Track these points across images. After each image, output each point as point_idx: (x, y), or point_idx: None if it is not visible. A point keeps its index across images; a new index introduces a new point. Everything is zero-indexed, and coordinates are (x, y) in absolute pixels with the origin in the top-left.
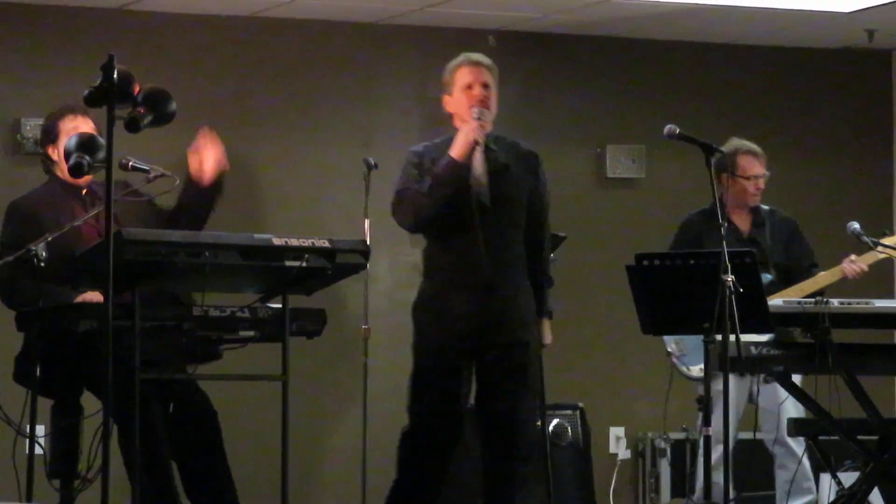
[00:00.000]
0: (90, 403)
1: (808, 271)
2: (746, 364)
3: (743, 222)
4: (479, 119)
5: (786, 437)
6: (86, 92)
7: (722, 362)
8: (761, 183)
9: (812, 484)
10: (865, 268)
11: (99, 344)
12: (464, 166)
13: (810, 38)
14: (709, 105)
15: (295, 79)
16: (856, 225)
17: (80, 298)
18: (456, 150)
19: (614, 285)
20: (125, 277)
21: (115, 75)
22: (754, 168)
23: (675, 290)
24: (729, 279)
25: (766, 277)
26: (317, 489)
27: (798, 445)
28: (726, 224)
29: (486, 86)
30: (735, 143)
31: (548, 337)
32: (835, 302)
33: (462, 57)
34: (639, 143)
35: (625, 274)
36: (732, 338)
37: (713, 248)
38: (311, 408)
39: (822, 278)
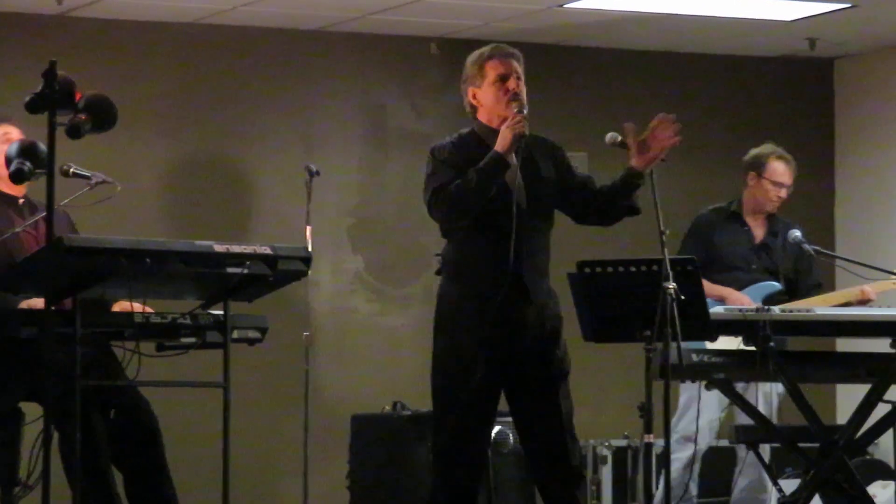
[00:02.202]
0: (31, 410)
1: (813, 289)
2: (688, 372)
3: (758, 228)
4: (520, 112)
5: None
6: (27, 98)
7: (663, 370)
8: (784, 192)
9: (767, 496)
10: (874, 297)
11: (40, 350)
12: (508, 161)
13: (752, 47)
14: (650, 113)
15: (237, 86)
16: (797, 233)
17: (24, 305)
18: (502, 144)
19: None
20: (66, 284)
21: (57, 82)
22: (784, 176)
23: (617, 297)
24: (670, 286)
25: (775, 286)
26: (258, 497)
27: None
28: (747, 227)
29: (519, 77)
30: (771, 146)
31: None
32: (776, 309)
33: (491, 47)
34: (581, 150)
35: (566, 281)
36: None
37: (730, 253)
38: (252, 415)
39: (833, 298)
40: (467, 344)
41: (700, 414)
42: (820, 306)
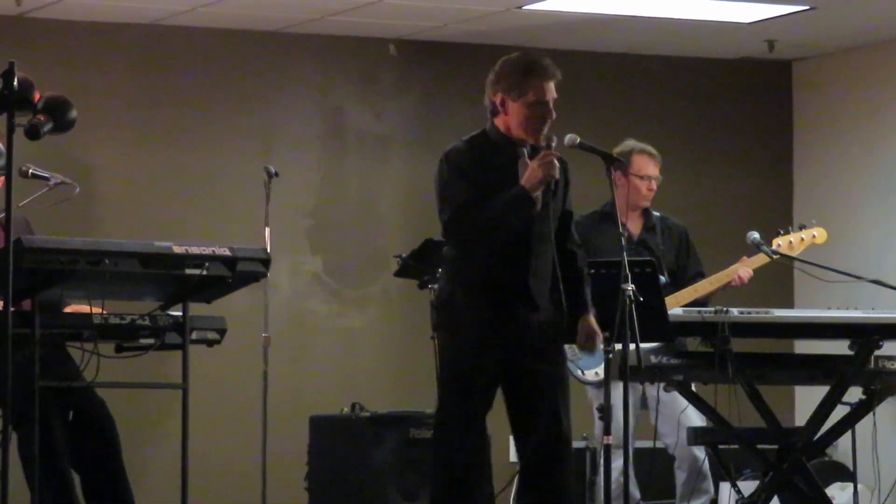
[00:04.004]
0: None
1: (692, 280)
2: (646, 373)
3: (634, 226)
4: (552, 150)
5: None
6: None
7: (622, 371)
8: (654, 184)
9: (710, 484)
10: (751, 272)
11: None
12: (535, 200)
13: (711, 49)
14: (610, 114)
15: (196, 87)
16: (756, 235)
17: None
18: (529, 182)
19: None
20: (25, 285)
21: (16, 82)
22: (648, 168)
23: None
24: (629, 288)
25: (661, 280)
26: (217, 499)
27: (699, 449)
28: (626, 233)
29: (553, 102)
30: (630, 143)
31: (598, 329)
32: (734, 311)
33: (542, 65)
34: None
35: None
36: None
37: (608, 254)
38: (210, 416)
39: (702, 286)
40: (473, 344)
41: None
42: (696, 293)
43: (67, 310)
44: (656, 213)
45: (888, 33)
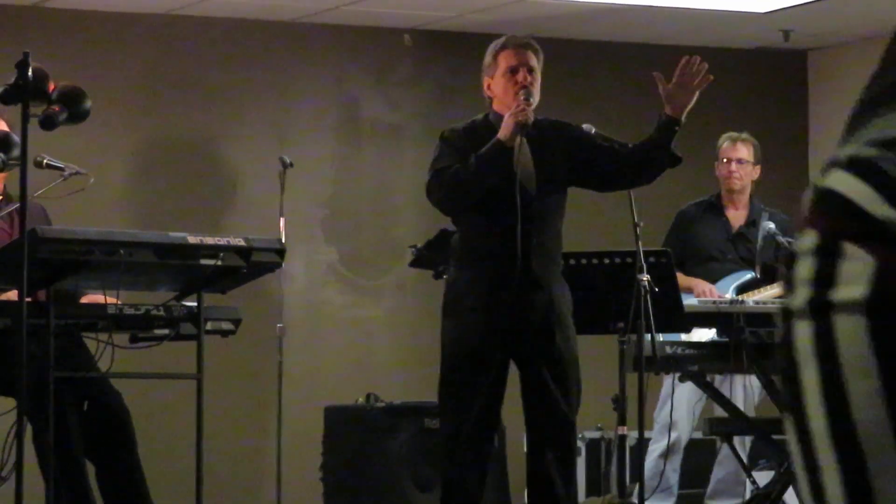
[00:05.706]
0: (3, 402)
1: None
2: (662, 364)
3: (736, 218)
4: (525, 100)
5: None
6: (0, 89)
7: (637, 362)
8: (734, 166)
9: (743, 489)
10: None
11: (12, 342)
12: (509, 148)
13: (726, 39)
14: (624, 105)
15: (210, 77)
16: (771, 225)
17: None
18: (503, 132)
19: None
20: (40, 275)
21: (30, 73)
22: (728, 151)
23: (592, 289)
24: (644, 279)
25: (747, 275)
26: (232, 489)
27: (742, 449)
28: (724, 218)
29: (531, 70)
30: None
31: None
32: (750, 301)
33: (506, 38)
34: None
35: None
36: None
37: (706, 244)
38: (225, 407)
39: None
40: (475, 328)
41: (680, 403)
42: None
43: (83, 300)
44: (764, 208)
45: None
